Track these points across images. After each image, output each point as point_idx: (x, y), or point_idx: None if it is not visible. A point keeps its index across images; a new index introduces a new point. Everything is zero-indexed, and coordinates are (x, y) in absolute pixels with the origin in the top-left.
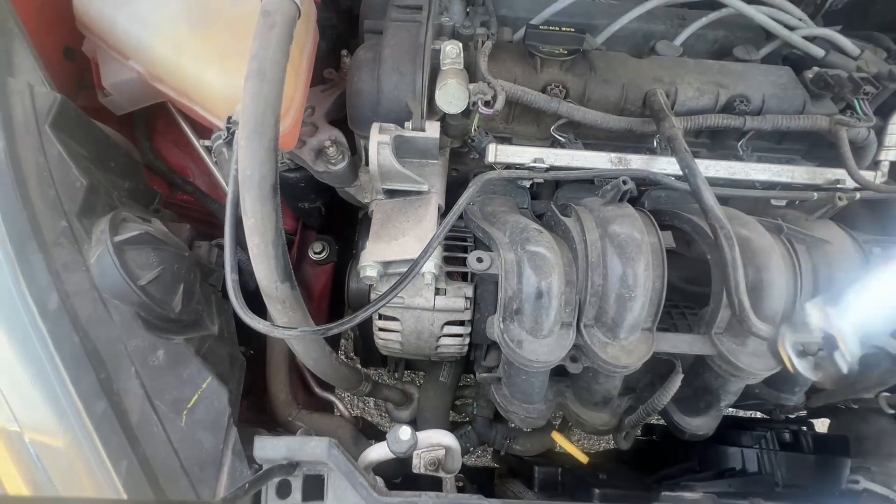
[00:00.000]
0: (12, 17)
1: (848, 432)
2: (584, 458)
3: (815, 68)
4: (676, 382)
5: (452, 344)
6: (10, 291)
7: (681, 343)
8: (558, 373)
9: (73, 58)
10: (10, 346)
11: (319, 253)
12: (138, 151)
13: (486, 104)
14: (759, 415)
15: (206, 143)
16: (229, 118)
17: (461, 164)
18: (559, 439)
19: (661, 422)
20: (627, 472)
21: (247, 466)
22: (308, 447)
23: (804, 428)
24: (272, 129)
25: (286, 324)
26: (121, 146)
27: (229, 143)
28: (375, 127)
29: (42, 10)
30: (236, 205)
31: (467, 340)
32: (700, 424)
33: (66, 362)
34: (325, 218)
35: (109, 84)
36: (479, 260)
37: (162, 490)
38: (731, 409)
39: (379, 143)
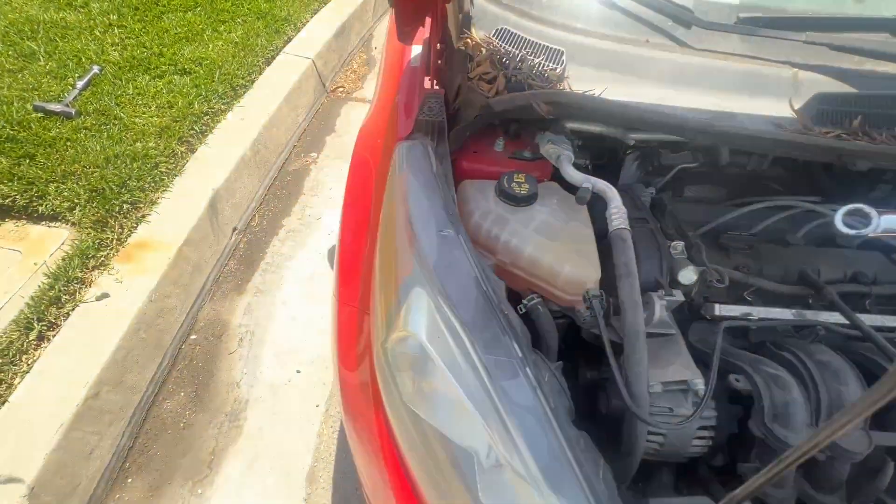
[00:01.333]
0: None
1: None
2: None
3: None
4: (890, 471)
5: (700, 444)
6: (531, 393)
7: (892, 439)
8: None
9: None
10: (538, 423)
11: None
12: None
13: (719, 281)
14: None
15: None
16: (587, 293)
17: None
18: None
19: None
20: None
21: None
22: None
23: None
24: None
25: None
26: None
27: (589, 308)
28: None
29: None
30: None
31: (710, 442)
32: None
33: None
34: None
35: None
36: (737, 380)
37: None
38: None
39: (659, 304)
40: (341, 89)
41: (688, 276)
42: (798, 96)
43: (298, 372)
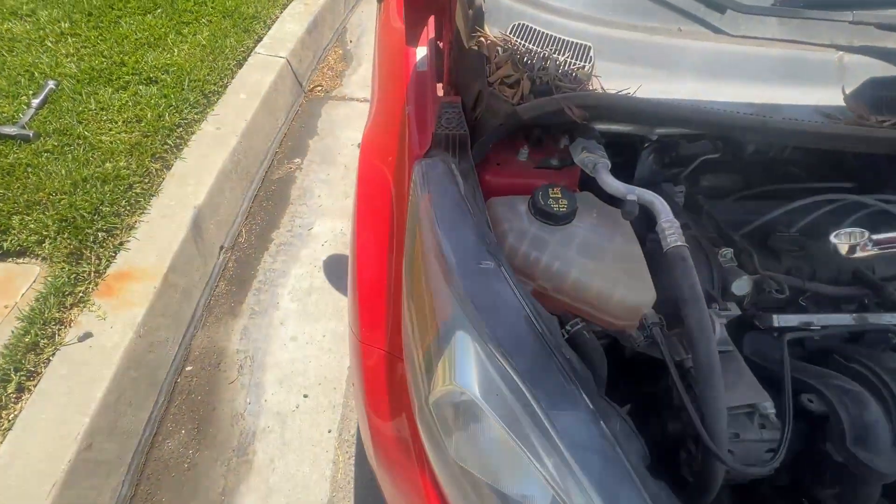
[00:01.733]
0: None
1: None
2: None
3: None
4: None
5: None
6: (610, 451)
7: None
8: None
9: None
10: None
11: None
12: None
13: (778, 291)
14: None
15: None
16: (645, 319)
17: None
18: None
19: None
20: None
21: None
22: None
23: None
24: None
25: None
26: None
27: (647, 335)
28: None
29: None
30: (682, 376)
31: (776, 464)
32: None
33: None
34: None
35: None
36: (810, 401)
37: None
38: None
39: (718, 322)
40: (319, 88)
41: (742, 286)
42: (844, 82)
43: (305, 397)
